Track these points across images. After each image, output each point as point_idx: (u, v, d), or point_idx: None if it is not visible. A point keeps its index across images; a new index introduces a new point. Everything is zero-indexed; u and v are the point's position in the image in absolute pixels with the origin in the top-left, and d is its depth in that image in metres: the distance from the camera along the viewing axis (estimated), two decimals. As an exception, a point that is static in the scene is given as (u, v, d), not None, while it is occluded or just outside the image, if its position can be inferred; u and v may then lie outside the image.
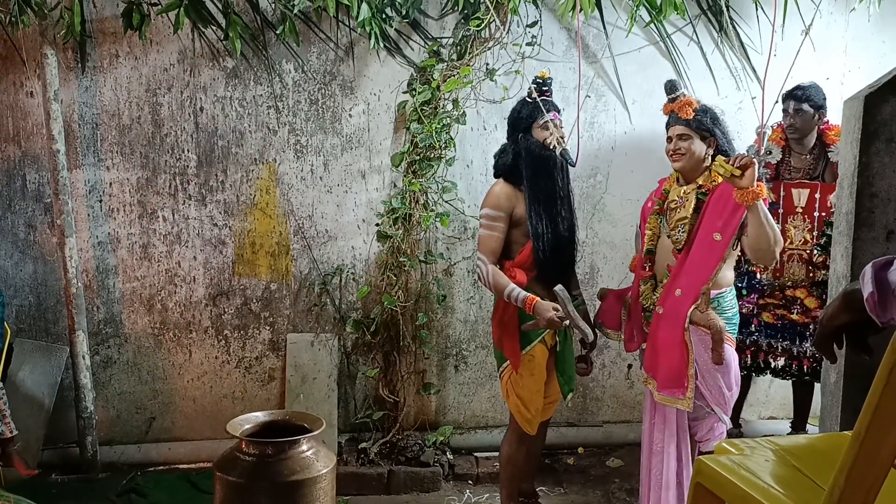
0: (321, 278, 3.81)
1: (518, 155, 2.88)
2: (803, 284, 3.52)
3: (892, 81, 2.49)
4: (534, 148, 2.86)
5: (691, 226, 2.77)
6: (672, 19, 3.72)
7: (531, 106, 2.90)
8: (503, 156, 2.92)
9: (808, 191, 3.52)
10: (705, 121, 2.75)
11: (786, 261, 3.55)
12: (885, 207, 2.52)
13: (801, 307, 3.53)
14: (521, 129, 2.89)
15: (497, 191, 2.88)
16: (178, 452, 3.78)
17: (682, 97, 2.80)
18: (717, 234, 2.70)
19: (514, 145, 2.90)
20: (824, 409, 2.78)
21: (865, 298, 1.20)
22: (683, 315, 2.71)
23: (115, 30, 3.50)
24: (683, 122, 2.77)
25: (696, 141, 2.77)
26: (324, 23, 3.62)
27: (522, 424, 2.94)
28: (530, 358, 2.89)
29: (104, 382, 3.77)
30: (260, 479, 2.50)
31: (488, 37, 3.58)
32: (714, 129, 2.76)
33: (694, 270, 2.74)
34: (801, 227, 3.53)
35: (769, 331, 3.62)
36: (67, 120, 3.54)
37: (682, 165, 2.81)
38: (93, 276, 3.69)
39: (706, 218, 2.74)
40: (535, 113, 2.88)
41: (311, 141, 3.74)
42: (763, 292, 3.61)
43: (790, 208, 3.55)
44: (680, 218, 2.81)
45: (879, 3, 3.79)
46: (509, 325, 2.88)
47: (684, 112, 2.76)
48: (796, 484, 1.56)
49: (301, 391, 3.73)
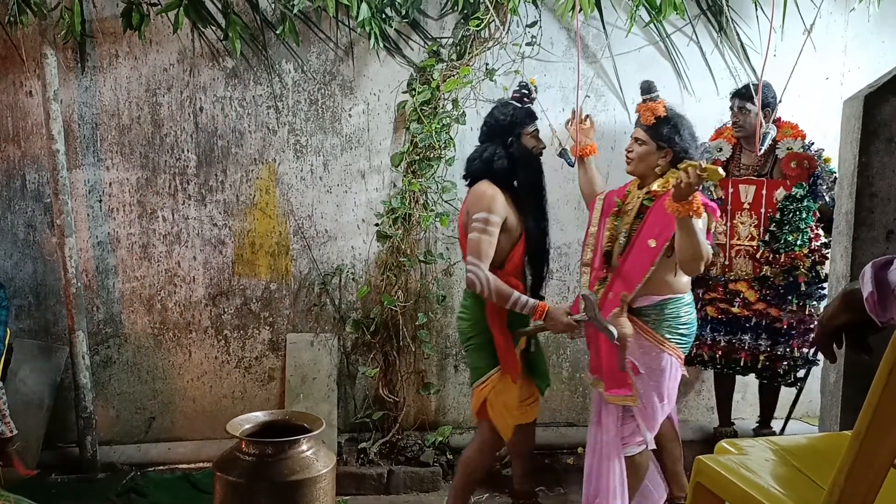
0: (321, 278, 3.81)
1: (514, 160, 2.80)
2: (745, 278, 3.54)
3: (891, 81, 2.49)
4: (528, 155, 2.83)
5: (632, 231, 2.76)
6: (672, 19, 3.72)
7: (523, 112, 2.84)
8: (497, 159, 2.79)
9: (754, 187, 3.54)
10: (663, 130, 2.71)
11: (734, 256, 3.58)
12: (884, 207, 2.52)
13: (742, 300, 3.55)
14: (514, 134, 2.81)
15: (493, 194, 2.74)
16: (178, 452, 3.78)
17: (653, 101, 2.75)
18: (652, 241, 2.68)
19: (503, 149, 2.80)
20: (824, 409, 2.79)
21: (865, 298, 1.20)
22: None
23: (115, 30, 3.49)
24: (643, 127, 2.75)
25: (651, 148, 2.74)
26: (323, 23, 3.62)
27: (504, 431, 2.86)
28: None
29: (104, 382, 3.77)
30: (260, 479, 2.50)
31: (488, 37, 3.59)
32: (672, 140, 2.70)
33: (627, 275, 2.72)
34: (748, 223, 3.55)
35: (714, 325, 3.64)
36: (67, 120, 3.54)
37: (631, 169, 2.81)
38: (92, 276, 3.69)
39: (647, 224, 2.72)
40: (528, 119, 2.85)
41: (311, 141, 3.74)
42: (709, 287, 3.64)
43: (737, 205, 3.58)
44: (626, 222, 2.81)
45: (879, 3, 3.80)
46: (505, 333, 2.83)
47: (645, 117, 2.74)
48: (796, 484, 1.56)
49: (301, 391, 3.73)
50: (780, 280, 3.46)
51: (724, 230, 3.59)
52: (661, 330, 2.72)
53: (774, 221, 3.46)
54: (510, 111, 2.84)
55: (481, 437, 2.96)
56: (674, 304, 2.73)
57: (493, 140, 2.83)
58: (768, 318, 3.52)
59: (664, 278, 2.71)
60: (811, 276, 3.46)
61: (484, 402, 2.86)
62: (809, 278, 3.45)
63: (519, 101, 2.86)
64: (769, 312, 3.50)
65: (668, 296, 2.73)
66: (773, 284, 3.49)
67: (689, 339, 2.79)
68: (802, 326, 3.51)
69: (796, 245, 3.41)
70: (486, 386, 2.85)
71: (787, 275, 3.45)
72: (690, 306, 2.80)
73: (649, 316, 2.72)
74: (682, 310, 2.75)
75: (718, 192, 3.60)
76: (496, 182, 2.79)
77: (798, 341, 3.51)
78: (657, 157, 2.74)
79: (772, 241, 3.46)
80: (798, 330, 3.50)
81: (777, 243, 3.43)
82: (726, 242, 3.60)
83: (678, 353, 2.74)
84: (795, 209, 3.41)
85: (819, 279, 3.49)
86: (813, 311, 3.49)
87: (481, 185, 2.79)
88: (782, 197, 3.45)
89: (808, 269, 3.44)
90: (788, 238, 3.41)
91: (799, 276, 3.43)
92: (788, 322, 3.47)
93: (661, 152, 2.73)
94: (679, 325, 2.74)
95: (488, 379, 2.85)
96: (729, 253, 3.59)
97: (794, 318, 3.47)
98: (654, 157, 2.74)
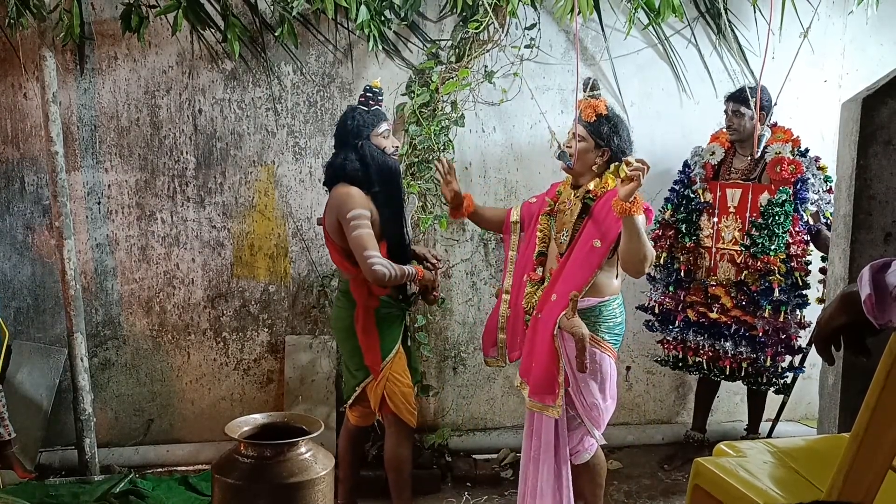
0: (320, 280, 3.81)
1: (365, 162, 2.88)
2: (725, 283, 3.53)
3: (889, 84, 2.50)
4: (379, 155, 2.90)
5: (574, 231, 2.74)
6: (670, 22, 3.73)
7: (371, 115, 2.92)
8: (348, 162, 2.87)
9: (740, 191, 3.53)
10: (602, 129, 2.70)
11: (718, 260, 3.58)
12: (882, 210, 2.53)
13: (720, 307, 3.54)
14: (362, 138, 2.89)
15: (356, 193, 2.84)
16: (177, 454, 3.78)
17: (596, 98, 2.75)
18: (597, 241, 2.66)
19: (354, 152, 2.88)
20: (822, 411, 2.79)
21: (863, 300, 1.21)
22: (555, 320, 2.68)
23: (114, 32, 3.50)
24: (583, 123, 2.74)
25: (590, 146, 2.73)
26: (322, 25, 3.62)
27: (410, 418, 3.00)
28: (400, 355, 3.03)
29: (102, 384, 3.77)
30: (258, 482, 2.50)
31: (487, 39, 3.59)
32: (611, 139, 2.70)
33: (571, 276, 2.69)
34: (732, 227, 3.55)
35: (694, 328, 3.63)
36: (66, 122, 3.54)
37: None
38: (91, 278, 3.69)
39: (589, 224, 2.70)
40: (376, 121, 2.92)
41: (310, 143, 3.74)
42: (689, 290, 3.63)
43: (724, 208, 3.58)
44: (565, 222, 2.79)
45: (877, 6, 3.80)
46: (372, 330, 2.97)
47: (586, 113, 2.73)
48: (795, 486, 1.57)
49: (299, 393, 3.73)
50: (757, 285, 3.43)
51: (710, 233, 3.59)
52: (600, 332, 2.72)
53: (756, 226, 3.45)
54: (356, 115, 2.92)
55: (395, 429, 3.05)
56: (609, 305, 2.74)
57: (345, 145, 2.92)
58: (746, 326, 3.49)
59: (605, 280, 2.71)
60: (787, 282, 3.39)
61: (383, 398, 2.97)
62: (785, 285, 3.39)
63: (365, 104, 2.94)
64: (745, 320, 3.47)
65: (605, 298, 2.72)
66: (748, 290, 3.45)
67: (621, 337, 2.81)
68: (780, 334, 3.45)
69: (771, 249, 3.38)
70: (382, 377, 2.96)
71: (762, 279, 3.42)
72: (622, 306, 2.82)
73: (588, 318, 2.68)
74: (616, 310, 2.77)
75: (707, 196, 3.60)
76: (352, 184, 2.87)
77: (773, 350, 3.45)
78: (594, 156, 2.73)
79: (751, 245, 3.44)
80: (774, 338, 3.44)
81: (755, 247, 3.42)
82: (711, 246, 3.60)
83: (614, 352, 2.76)
84: (775, 213, 3.39)
85: (798, 286, 3.43)
86: (790, 318, 3.43)
87: (339, 188, 2.89)
88: (766, 202, 3.44)
89: (784, 275, 3.38)
90: (765, 242, 3.40)
91: (773, 282, 3.38)
92: (763, 329, 3.42)
93: (598, 151, 2.72)
94: (615, 325, 2.76)
95: (384, 369, 2.97)
96: (714, 256, 3.59)
97: (768, 325, 3.41)
98: (591, 154, 2.73)
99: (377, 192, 2.89)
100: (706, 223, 3.61)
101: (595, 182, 2.74)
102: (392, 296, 2.99)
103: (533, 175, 3.88)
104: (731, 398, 4.20)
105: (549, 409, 2.72)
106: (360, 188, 2.87)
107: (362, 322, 2.94)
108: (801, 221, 3.43)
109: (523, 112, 3.81)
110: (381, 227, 2.90)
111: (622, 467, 3.82)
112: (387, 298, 2.97)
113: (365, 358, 2.97)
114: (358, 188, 2.86)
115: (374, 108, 2.94)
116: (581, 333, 2.59)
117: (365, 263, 2.77)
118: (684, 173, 3.69)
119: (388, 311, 2.98)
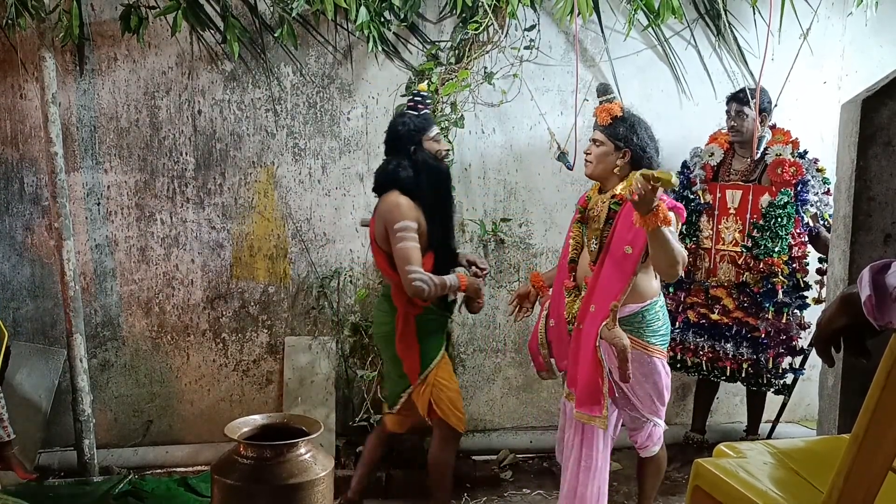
0: (319, 281, 3.81)
1: (418, 168, 2.86)
2: (726, 284, 3.53)
3: (889, 85, 2.50)
4: (432, 161, 2.89)
5: (602, 237, 2.73)
6: (670, 23, 3.73)
7: (421, 119, 2.90)
8: (402, 169, 2.85)
9: (741, 192, 3.54)
10: (620, 130, 2.69)
11: (718, 261, 3.58)
12: (882, 211, 2.53)
13: (721, 308, 3.54)
14: (415, 143, 2.87)
15: (405, 203, 2.82)
16: (176, 456, 3.77)
17: (610, 102, 2.75)
18: (629, 248, 2.63)
19: (407, 159, 2.86)
20: (822, 412, 2.79)
21: (863, 302, 1.21)
22: (596, 332, 2.66)
23: (114, 33, 3.49)
24: (599, 128, 2.73)
25: (609, 149, 2.72)
26: (322, 26, 3.62)
27: (457, 423, 3.00)
28: (445, 361, 3.04)
29: (102, 385, 3.76)
30: (258, 483, 2.50)
31: (486, 40, 3.59)
32: (629, 139, 2.69)
33: (608, 286, 2.67)
34: (733, 229, 3.55)
35: (694, 329, 3.64)
36: (65, 123, 3.54)
37: (590, 172, 2.79)
38: (90, 278, 3.69)
39: (618, 230, 2.68)
40: (427, 125, 2.90)
41: (310, 144, 3.74)
42: (689, 291, 3.63)
43: (724, 210, 3.58)
44: (594, 229, 2.78)
45: (876, 7, 3.81)
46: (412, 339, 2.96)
47: (601, 118, 2.73)
48: (794, 487, 1.56)
49: (299, 394, 3.73)
50: (759, 287, 3.44)
51: (710, 235, 3.59)
52: (645, 336, 2.71)
53: (757, 227, 3.45)
54: (407, 121, 2.90)
55: (442, 433, 3.04)
56: (652, 309, 2.73)
57: (397, 151, 2.90)
58: (747, 327, 3.49)
59: (644, 283, 2.70)
60: (790, 284, 3.41)
61: (430, 403, 2.97)
62: (788, 286, 3.40)
63: (414, 108, 2.93)
64: (747, 321, 3.48)
65: (647, 302, 2.71)
66: (750, 292, 3.46)
67: (668, 336, 2.80)
68: (782, 335, 3.47)
69: (774, 251, 3.39)
70: (427, 383, 2.96)
71: (765, 281, 3.43)
72: (663, 306, 2.81)
73: (632, 325, 2.68)
74: (659, 312, 2.76)
75: (706, 197, 3.61)
76: (403, 192, 2.85)
77: (774, 351, 3.46)
78: (615, 158, 2.72)
79: (753, 247, 3.45)
80: (776, 339, 3.46)
81: (757, 249, 3.43)
82: (711, 247, 3.60)
83: (664, 353, 2.76)
84: (777, 215, 3.40)
85: (799, 287, 3.44)
86: (791, 319, 3.45)
87: (390, 196, 2.86)
88: (766, 203, 3.44)
89: (787, 276, 3.40)
90: (768, 244, 3.40)
91: (776, 283, 3.39)
92: (766, 330, 3.44)
93: (619, 153, 2.71)
94: (660, 327, 2.75)
95: (426, 376, 2.96)
96: (714, 258, 3.59)
97: (770, 326, 3.43)
98: (612, 157, 2.72)
99: (427, 200, 2.87)
100: (706, 224, 3.61)
101: (621, 185, 2.72)
102: (434, 303, 2.95)
103: (532, 176, 3.88)
104: (731, 399, 4.20)
105: (596, 419, 2.70)
106: (410, 196, 2.84)
107: (401, 329, 2.92)
108: (802, 223, 3.44)
109: (523, 113, 3.81)
110: (429, 236, 2.87)
111: (622, 468, 3.81)
112: (427, 305, 2.94)
113: (403, 365, 2.95)
114: (408, 197, 2.83)
115: (423, 112, 2.91)
116: (623, 344, 2.58)
117: (406, 277, 2.77)
118: (683, 174, 3.70)
119: (428, 318, 2.96)
